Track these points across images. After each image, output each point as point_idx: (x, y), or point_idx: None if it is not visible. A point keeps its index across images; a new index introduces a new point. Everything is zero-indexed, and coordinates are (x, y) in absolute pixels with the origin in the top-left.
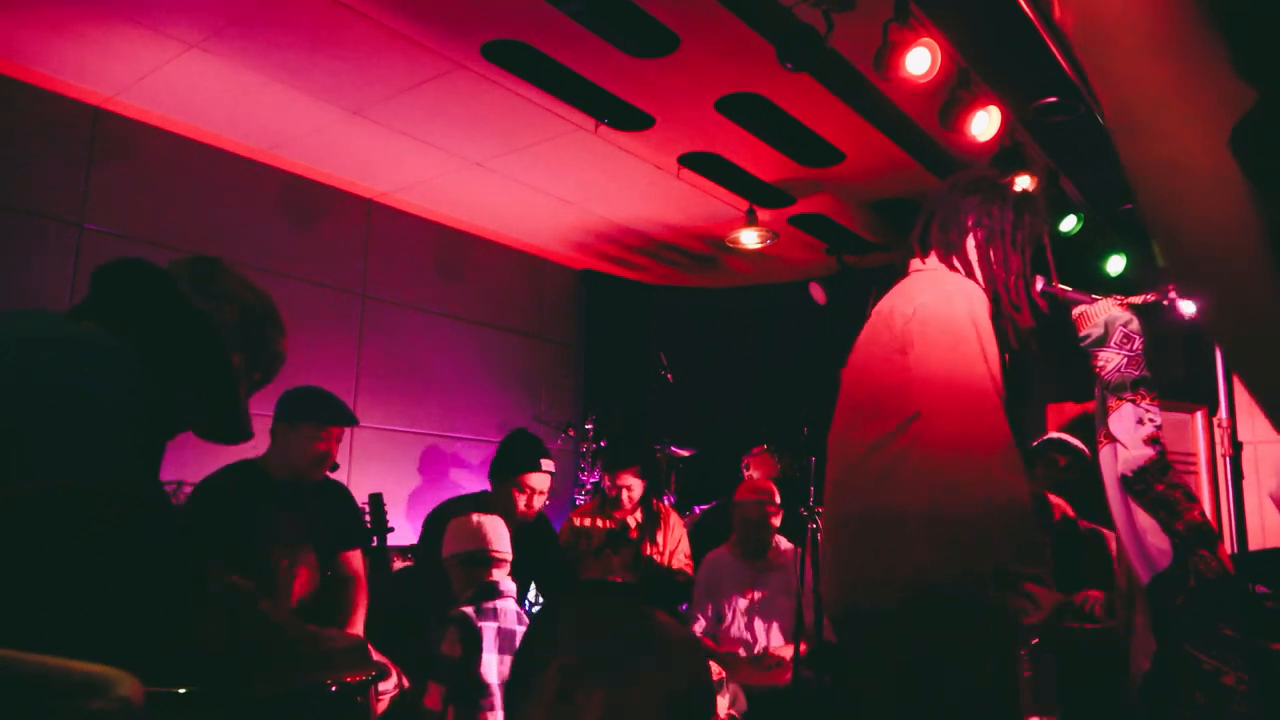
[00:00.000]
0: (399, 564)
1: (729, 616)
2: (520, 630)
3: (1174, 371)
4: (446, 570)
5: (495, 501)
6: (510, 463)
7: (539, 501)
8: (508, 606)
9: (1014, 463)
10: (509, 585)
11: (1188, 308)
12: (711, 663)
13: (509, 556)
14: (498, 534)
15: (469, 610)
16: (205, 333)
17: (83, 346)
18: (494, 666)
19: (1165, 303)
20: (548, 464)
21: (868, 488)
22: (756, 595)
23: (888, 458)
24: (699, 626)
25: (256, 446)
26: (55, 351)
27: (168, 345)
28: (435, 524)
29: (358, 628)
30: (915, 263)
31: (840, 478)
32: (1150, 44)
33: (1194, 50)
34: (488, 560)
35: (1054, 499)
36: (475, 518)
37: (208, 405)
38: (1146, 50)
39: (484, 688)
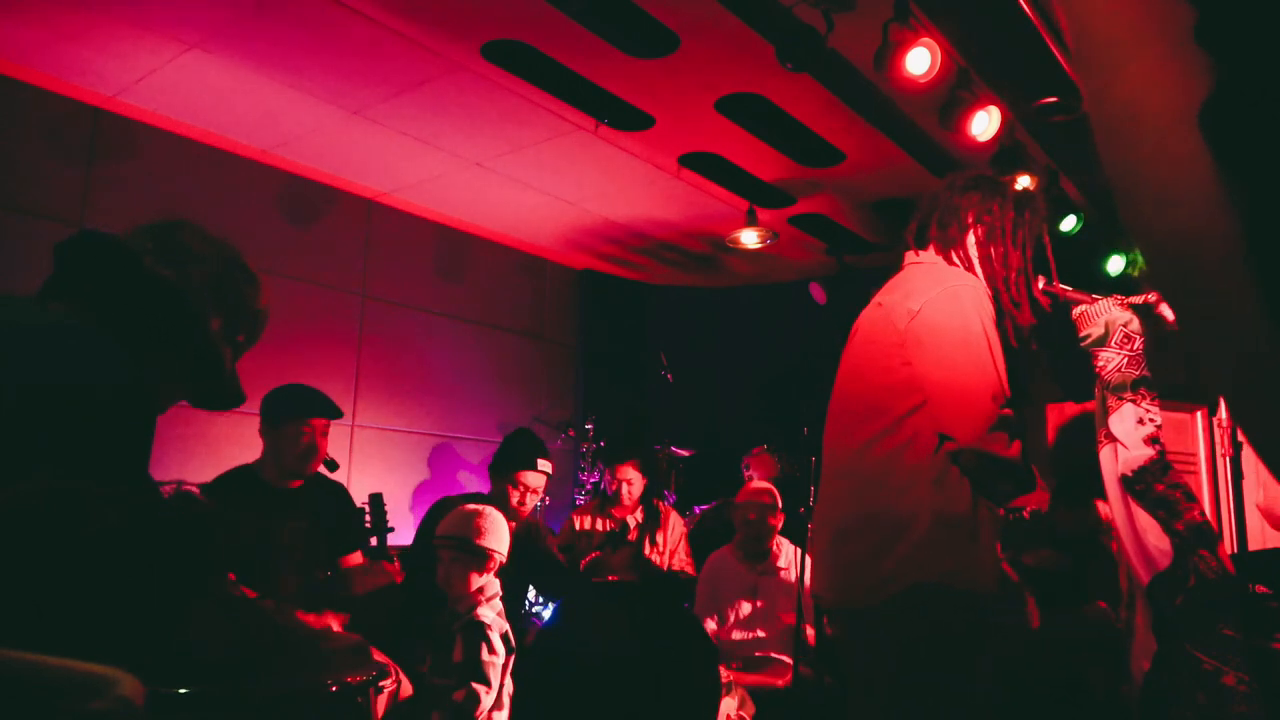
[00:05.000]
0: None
1: (731, 618)
2: (507, 626)
3: (1174, 371)
4: (435, 552)
5: (491, 499)
6: (508, 460)
7: (531, 500)
8: (499, 607)
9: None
10: (494, 585)
11: (1169, 314)
12: (720, 665)
13: (501, 557)
14: (495, 531)
15: (482, 617)
16: (175, 297)
17: (61, 334)
18: (501, 667)
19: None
20: (544, 464)
21: (859, 486)
22: (758, 597)
23: (881, 454)
24: (708, 627)
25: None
26: (35, 342)
27: (139, 316)
28: (431, 521)
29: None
30: (910, 256)
31: (832, 476)
32: (1131, 31)
33: (1170, 32)
34: (477, 551)
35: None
36: (478, 509)
37: (192, 372)
38: (1127, 38)
39: (501, 688)
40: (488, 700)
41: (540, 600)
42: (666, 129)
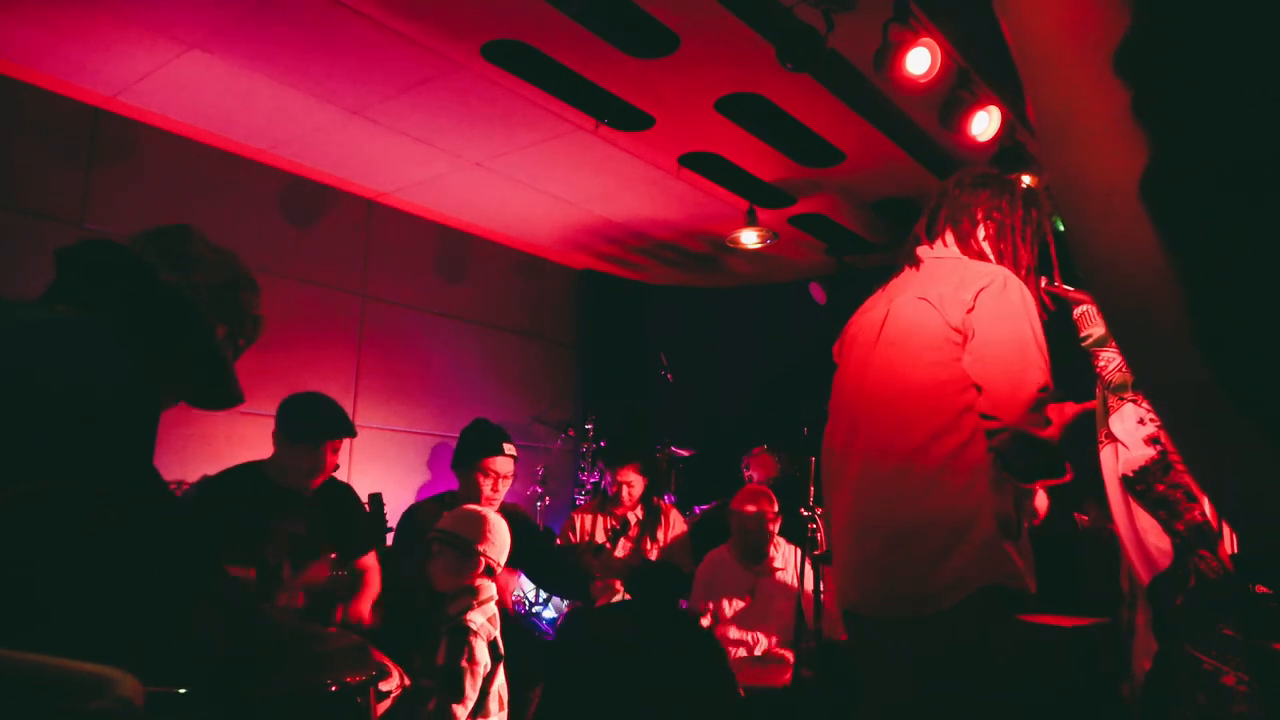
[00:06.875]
0: None
1: (727, 617)
2: (496, 633)
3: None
4: (432, 547)
5: (462, 495)
6: (472, 449)
7: (504, 486)
8: (492, 611)
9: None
10: (490, 589)
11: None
12: None
13: (496, 565)
14: (496, 538)
15: (470, 622)
16: (177, 301)
17: (62, 334)
18: (487, 675)
19: None
20: (509, 448)
21: (915, 488)
22: (755, 597)
23: (942, 453)
24: (704, 622)
25: (261, 449)
26: (38, 341)
27: (141, 318)
28: (405, 526)
29: (363, 607)
30: (925, 250)
31: (871, 480)
32: (1079, 94)
33: (1115, 100)
34: (473, 553)
35: None
36: (483, 512)
37: (192, 373)
38: (1084, 69)
39: (486, 695)
40: (461, 711)
41: (540, 600)
42: (666, 129)
